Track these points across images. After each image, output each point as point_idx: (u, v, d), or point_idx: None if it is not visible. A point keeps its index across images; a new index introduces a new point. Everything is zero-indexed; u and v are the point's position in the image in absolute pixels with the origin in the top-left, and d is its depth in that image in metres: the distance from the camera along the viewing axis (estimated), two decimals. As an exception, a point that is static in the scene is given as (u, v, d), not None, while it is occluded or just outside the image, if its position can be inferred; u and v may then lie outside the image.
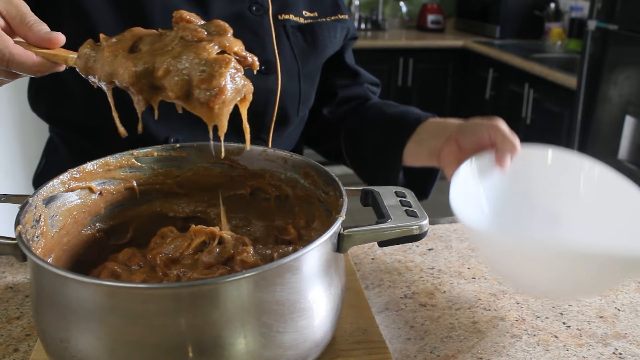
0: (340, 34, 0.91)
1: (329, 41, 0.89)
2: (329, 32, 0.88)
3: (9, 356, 0.58)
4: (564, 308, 0.67)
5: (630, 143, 2.25)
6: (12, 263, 0.75)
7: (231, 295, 0.44)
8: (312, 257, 0.49)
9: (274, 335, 0.47)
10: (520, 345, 0.61)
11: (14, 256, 0.49)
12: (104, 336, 0.45)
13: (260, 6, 0.82)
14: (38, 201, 0.55)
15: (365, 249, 0.80)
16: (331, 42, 0.89)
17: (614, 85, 2.27)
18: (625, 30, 2.19)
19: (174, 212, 0.68)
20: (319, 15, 0.88)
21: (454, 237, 0.84)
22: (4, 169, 1.73)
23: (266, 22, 0.82)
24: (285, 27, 0.84)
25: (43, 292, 0.48)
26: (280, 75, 0.83)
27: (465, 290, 0.71)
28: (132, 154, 0.64)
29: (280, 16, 0.84)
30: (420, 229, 0.54)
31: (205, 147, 0.67)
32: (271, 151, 0.65)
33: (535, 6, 3.39)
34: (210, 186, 0.68)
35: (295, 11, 0.86)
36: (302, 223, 0.65)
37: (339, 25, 0.89)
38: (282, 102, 0.84)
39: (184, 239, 0.62)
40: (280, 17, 0.84)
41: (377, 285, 0.71)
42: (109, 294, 0.44)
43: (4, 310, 0.65)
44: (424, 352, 0.59)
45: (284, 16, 0.84)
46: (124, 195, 0.65)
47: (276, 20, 0.83)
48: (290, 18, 0.85)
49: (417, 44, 3.43)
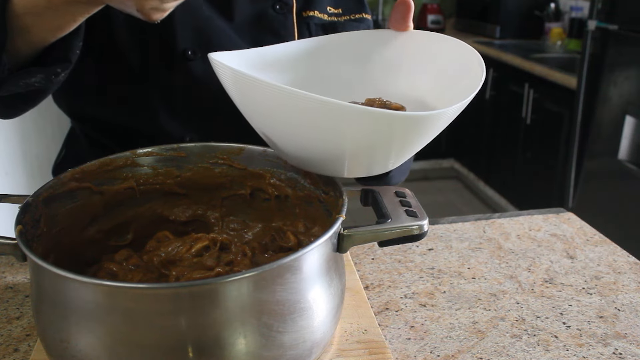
0: None
1: None
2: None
3: (9, 356, 0.58)
4: (564, 308, 0.67)
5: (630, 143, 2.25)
6: (12, 263, 0.75)
7: (231, 295, 0.44)
8: (312, 257, 0.49)
9: (274, 335, 0.47)
10: (520, 345, 0.61)
11: (14, 256, 0.50)
12: (104, 336, 0.45)
13: (285, 4, 0.80)
14: (38, 201, 0.55)
15: (365, 249, 0.80)
16: None
17: (614, 85, 2.27)
18: (625, 30, 2.18)
19: (174, 215, 0.69)
20: (342, 12, 0.86)
21: (454, 237, 0.84)
22: (4, 169, 1.72)
23: (289, 21, 0.80)
24: (308, 25, 0.83)
25: (43, 292, 0.48)
26: None
27: (465, 290, 0.71)
28: (132, 153, 0.64)
29: (304, 13, 0.82)
30: (420, 229, 0.54)
31: (205, 147, 0.67)
32: (271, 151, 0.65)
33: (535, 6, 3.39)
34: (211, 186, 0.68)
35: (320, 7, 0.84)
36: (301, 227, 0.65)
37: (361, 25, 0.88)
38: None
39: (182, 243, 0.62)
40: (305, 14, 0.82)
41: (377, 285, 0.71)
42: (109, 294, 0.44)
43: (4, 310, 0.65)
44: (424, 352, 0.59)
45: (308, 13, 0.82)
46: (124, 195, 0.65)
47: (300, 18, 0.82)
48: (314, 15, 0.83)
49: (417, 44, 3.43)
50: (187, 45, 0.75)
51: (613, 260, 0.78)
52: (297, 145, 0.54)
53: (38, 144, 2.00)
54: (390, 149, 0.53)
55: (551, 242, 0.82)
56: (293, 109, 0.49)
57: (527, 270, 0.75)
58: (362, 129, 0.49)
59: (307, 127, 0.50)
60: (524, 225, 0.87)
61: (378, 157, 0.55)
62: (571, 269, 0.76)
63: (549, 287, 0.71)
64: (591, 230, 0.86)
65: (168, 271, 0.59)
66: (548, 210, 0.92)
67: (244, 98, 0.53)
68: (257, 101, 0.52)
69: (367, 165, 0.56)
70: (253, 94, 0.51)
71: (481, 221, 0.88)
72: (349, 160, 0.54)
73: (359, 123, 0.48)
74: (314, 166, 0.57)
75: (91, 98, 0.81)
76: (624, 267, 0.76)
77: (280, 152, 0.58)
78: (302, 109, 0.48)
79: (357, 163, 0.55)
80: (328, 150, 0.53)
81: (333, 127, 0.49)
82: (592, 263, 0.77)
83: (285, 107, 0.49)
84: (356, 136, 0.50)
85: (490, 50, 3.11)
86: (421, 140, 0.53)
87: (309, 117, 0.49)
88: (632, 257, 0.79)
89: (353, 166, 0.55)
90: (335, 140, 0.51)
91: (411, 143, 0.53)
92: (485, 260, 0.77)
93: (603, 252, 0.80)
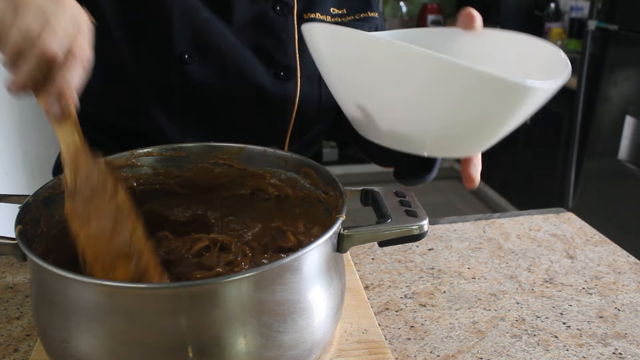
0: None
1: None
2: None
3: (9, 356, 0.58)
4: (564, 308, 0.67)
5: (630, 143, 2.25)
6: (12, 263, 0.75)
7: (231, 295, 0.44)
8: (312, 257, 0.49)
9: (274, 335, 0.47)
10: (520, 345, 0.61)
11: (14, 256, 0.49)
12: (104, 336, 0.45)
13: (285, 5, 0.78)
14: (38, 201, 0.55)
15: (365, 249, 0.80)
16: None
17: (614, 85, 2.27)
18: (625, 30, 2.18)
19: (174, 215, 0.69)
20: (347, 13, 0.84)
21: (454, 237, 0.84)
22: (4, 169, 1.72)
23: (290, 23, 0.79)
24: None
25: (43, 292, 0.48)
26: (299, 81, 0.79)
27: (465, 290, 0.71)
28: (132, 153, 0.64)
29: (305, 15, 0.80)
30: (420, 229, 0.54)
31: (205, 147, 0.67)
32: (271, 151, 0.65)
33: (535, 6, 3.39)
34: (211, 186, 0.68)
35: (323, 9, 0.82)
36: (301, 228, 0.65)
37: (366, 25, 0.85)
38: (301, 109, 0.80)
39: (182, 244, 0.62)
40: (306, 16, 0.80)
41: (377, 285, 0.71)
42: (109, 294, 0.44)
43: (4, 310, 0.65)
44: (424, 352, 0.59)
45: (309, 15, 0.80)
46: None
47: (301, 20, 0.79)
48: (316, 17, 0.81)
49: (417, 44, 3.42)
50: (184, 49, 0.73)
51: (613, 260, 0.78)
52: (399, 115, 0.54)
53: (38, 144, 2.00)
54: (499, 123, 0.53)
55: (551, 242, 0.82)
56: (417, 70, 0.48)
57: (527, 270, 0.75)
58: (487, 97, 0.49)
59: (415, 85, 0.50)
60: (524, 225, 0.87)
61: (482, 132, 0.55)
62: (571, 269, 0.76)
63: (549, 287, 0.71)
64: (591, 230, 0.86)
65: (168, 271, 0.59)
66: (548, 210, 0.92)
67: (349, 62, 0.52)
68: (369, 62, 0.51)
69: (464, 138, 0.56)
70: (365, 54, 0.50)
71: (481, 221, 0.88)
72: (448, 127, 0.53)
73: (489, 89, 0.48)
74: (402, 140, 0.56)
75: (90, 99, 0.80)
76: (624, 267, 0.76)
77: (369, 128, 0.58)
78: (429, 70, 0.47)
79: (455, 139, 0.55)
80: (433, 118, 0.52)
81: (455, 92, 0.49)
82: (592, 263, 0.77)
83: (409, 67, 0.49)
84: (478, 103, 0.50)
85: (490, 50, 3.11)
86: (519, 118, 0.53)
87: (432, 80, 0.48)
88: (632, 257, 0.79)
89: (452, 136, 0.55)
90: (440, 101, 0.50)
91: (516, 119, 0.53)
92: (485, 260, 0.77)
93: (603, 252, 0.80)
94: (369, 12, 0.86)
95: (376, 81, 0.52)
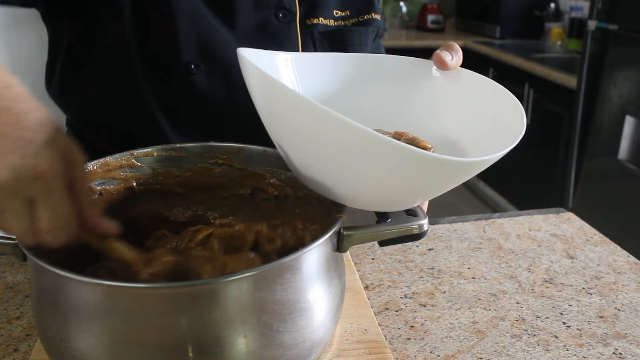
0: (370, 39, 0.86)
1: (358, 49, 0.84)
2: (359, 38, 0.84)
3: (9, 356, 0.58)
4: (564, 308, 0.67)
5: (630, 143, 2.25)
6: (12, 263, 0.75)
7: (231, 295, 0.44)
8: (312, 256, 0.49)
9: (274, 335, 0.47)
10: (520, 345, 0.61)
11: (14, 256, 0.49)
12: (104, 336, 0.45)
13: (288, 12, 0.78)
14: (38, 201, 0.55)
15: (365, 249, 0.80)
16: (361, 49, 0.84)
17: (614, 85, 2.27)
18: (625, 30, 2.18)
19: (174, 215, 0.69)
20: (351, 15, 0.84)
21: (454, 237, 0.84)
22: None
23: (293, 31, 0.78)
24: (312, 34, 0.80)
25: (43, 292, 0.48)
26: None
27: (465, 290, 0.71)
28: (132, 154, 0.64)
29: (308, 20, 0.80)
30: (420, 228, 0.54)
31: (205, 147, 0.67)
32: (271, 151, 0.65)
33: (535, 6, 3.39)
34: (211, 186, 0.68)
35: (326, 12, 0.81)
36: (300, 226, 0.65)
37: (369, 29, 0.85)
38: None
39: (180, 239, 0.62)
40: (309, 22, 0.80)
41: (377, 285, 0.71)
42: (109, 294, 0.44)
43: (4, 310, 0.65)
44: (424, 352, 0.59)
45: (312, 20, 0.80)
46: (123, 195, 0.65)
47: (304, 27, 0.79)
48: (319, 22, 0.80)
49: (417, 44, 3.43)
50: (190, 59, 0.73)
51: (613, 260, 0.78)
52: (314, 165, 0.51)
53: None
54: (410, 189, 0.50)
55: (551, 242, 0.82)
56: (318, 127, 0.46)
57: (527, 270, 0.75)
58: (387, 162, 0.46)
59: (329, 148, 0.47)
60: (524, 225, 0.87)
61: (395, 195, 0.51)
62: (571, 269, 0.76)
63: (549, 287, 0.71)
64: (591, 230, 0.86)
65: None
66: (548, 210, 0.92)
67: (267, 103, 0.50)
68: (281, 111, 0.49)
69: (382, 201, 0.53)
70: (279, 103, 0.48)
71: (481, 221, 0.88)
72: (364, 190, 0.51)
73: (386, 156, 0.45)
74: (324, 189, 0.54)
75: (94, 105, 0.80)
76: (624, 267, 0.76)
77: (294, 168, 0.56)
78: (327, 129, 0.45)
79: (373, 195, 0.52)
80: (344, 175, 0.49)
81: (357, 154, 0.46)
82: (592, 263, 0.77)
83: (310, 124, 0.46)
84: (378, 168, 0.46)
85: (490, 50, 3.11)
86: (442, 186, 0.50)
87: (332, 139, 0.46)
88: (632, 257, 0.79)
89: (368, 198, 0.52)
90: (354, 168, 0.47)
91: (428, 187, 0.50)
92: (485, 260, 0.77)
93: (603, 252, 0.80)
94: (373, 13, 0.85)
95: (295, 134, 0.50)
